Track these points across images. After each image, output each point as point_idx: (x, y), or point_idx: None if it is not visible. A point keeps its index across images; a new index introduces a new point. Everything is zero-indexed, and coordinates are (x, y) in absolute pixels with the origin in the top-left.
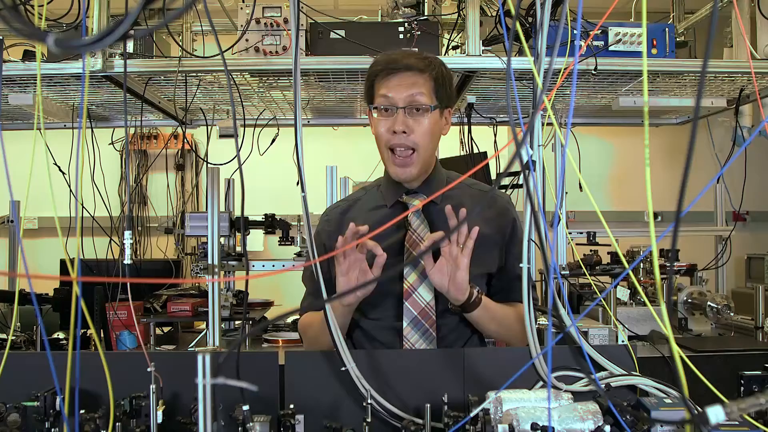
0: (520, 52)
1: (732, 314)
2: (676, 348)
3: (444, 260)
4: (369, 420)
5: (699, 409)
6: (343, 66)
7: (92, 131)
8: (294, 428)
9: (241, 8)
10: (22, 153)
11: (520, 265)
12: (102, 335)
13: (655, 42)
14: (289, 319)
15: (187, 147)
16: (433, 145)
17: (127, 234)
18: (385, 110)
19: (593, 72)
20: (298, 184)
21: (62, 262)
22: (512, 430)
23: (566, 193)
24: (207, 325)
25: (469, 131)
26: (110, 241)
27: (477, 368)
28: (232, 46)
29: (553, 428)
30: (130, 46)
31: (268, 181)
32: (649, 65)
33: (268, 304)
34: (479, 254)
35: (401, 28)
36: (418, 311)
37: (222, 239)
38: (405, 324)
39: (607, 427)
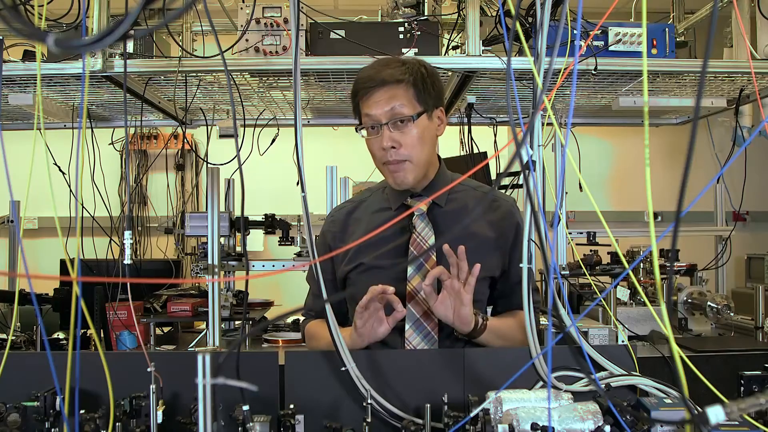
0: (520, 52)
1: (732, 314)
2: (676, 348)
3: (446, 294)
4: (369, 420)
5: (699, 409)
6: (343, 66)
7: (92, 131)
8: (294, 428)
9: (241, 8)
10: (22, 153)
11: (521, 265)
12: (102, 335)
13: (655, 42)
14: (289, 319)
15: (187, 147)
16: (428, 150)
17: (127, 234)
18: (372, 128)
19: (593, 72)
20: (298, 184)
21: (62, 262)
22: (512, 430)
23: (566, 193)
24: (207, 325)
25: (469, 131)
26: (110, 241)
27: (477, 368)
28: (232, 46)
29: (553, 428)
30: (130, 46)
31: (268, 181)
32: (649, 65)
33: (268, 304)
34: (481, 257)
35: (401, 28)
36: (421, 314)
37: (222, 239)
38: (407, 326)
39: (607, 427)
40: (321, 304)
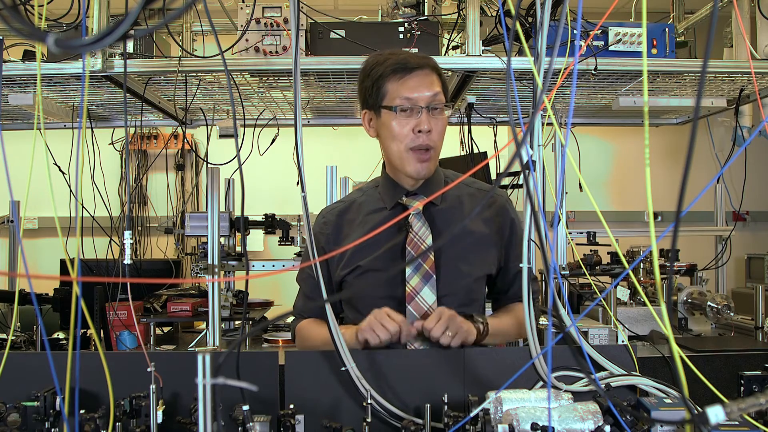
0: (520, 52)
1: (732, 314)
2: (676, 348)
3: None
4: (369, 420)
5: (699, 409)
6: (343, 66)
7: (92, 131)
8: (294, 428)
9: (241, 8)
10: (22, 153)
11: (520, 265)
12: (102, 335)
13: (655, 42)
14: (289, 319)
15: (187, 147)
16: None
17: (127, 234)
18: (404, 110)
19: (593, 72)
20: (298, 184)
21: (62, 262)
22: (512, 430)
23: (566, 193)
24: (207, 325)
25: (469, 131)
26: (110, 241)
27: (477, 368)
28: (232, 46)
29: (553, 428)
30: (130, 46)
31: (268, 181)
32: (649, 65)
33: (268, 304)
34: (479, 255)
35: (401, 28)
36: (421, 315)
37: (222, 239)
38: None
39: (607, 427)
40: (312, 306)
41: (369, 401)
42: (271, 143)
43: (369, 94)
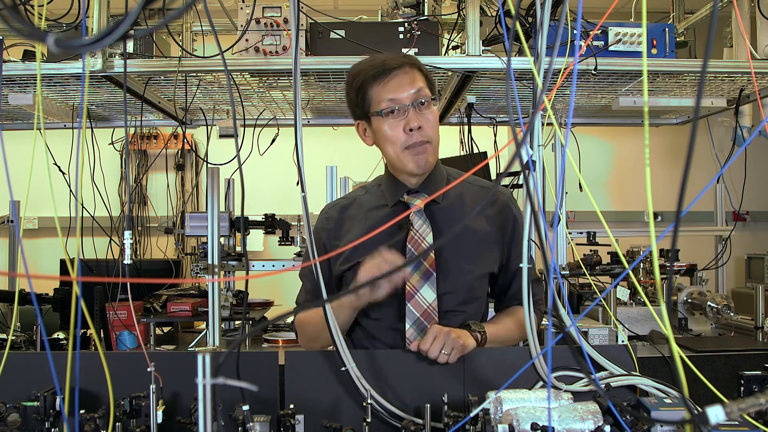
0: (520, 52)
1: (732, 314)
2: (676, 348)
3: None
4: (369, 420)
5: (699, 409)
6: (343, 66)
7: (92, 131)
8: (294, 428)
9: (241, 8)
10: (22, 153)
11: (520, 264)
12: (102, 335)
13: (655, 42)
14: (289, 319)
15: (187, 147)
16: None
17: (127, 234)
18: (391, 112)
19: (593, 72)
20: (298, 184)
21: (62, 262)
22: (512, 430)
23: (566, 193)
24: (207, 325)
25: (469, 131)
26: (110, 241)
27: (477, 368)
28: (232, 46)
29: (553, 428)
30: (130, 46)
31: (268, 181)
32: (649, 65)
33: (268, 304)
34: (481, 253)
35: (401, 28)
36: (421, 313)
37: (222, 239)
38: (408, 326)
39: (607, 427)
40: (316, 305)
41: (369, 401)
42: (271, 143)
43: (356, 105)
